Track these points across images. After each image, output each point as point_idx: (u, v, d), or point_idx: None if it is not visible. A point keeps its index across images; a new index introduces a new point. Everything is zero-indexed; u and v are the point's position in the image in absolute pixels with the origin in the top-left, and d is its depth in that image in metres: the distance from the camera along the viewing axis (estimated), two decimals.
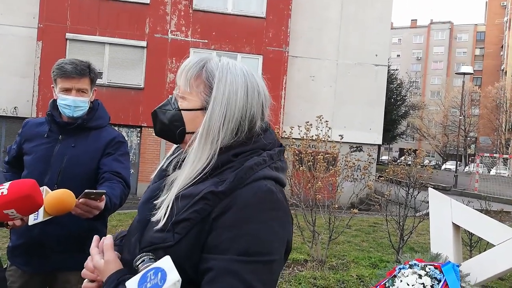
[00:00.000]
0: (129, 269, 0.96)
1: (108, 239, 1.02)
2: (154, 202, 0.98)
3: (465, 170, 33.70)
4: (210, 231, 0.89)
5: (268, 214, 0.91)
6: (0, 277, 1.50)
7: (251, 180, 0.92)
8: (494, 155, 26.63)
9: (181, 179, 0.95)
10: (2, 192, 1.23)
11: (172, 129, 1.00)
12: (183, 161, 1.01)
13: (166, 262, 0.82)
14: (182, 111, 0.99)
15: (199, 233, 0.90)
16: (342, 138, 4.83)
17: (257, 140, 0.99)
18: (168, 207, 0.92)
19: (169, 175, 1.03)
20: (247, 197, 0.90)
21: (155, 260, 0.86)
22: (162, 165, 1.09)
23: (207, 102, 0.96)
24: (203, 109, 0.97)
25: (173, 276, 0.80)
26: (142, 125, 12.60)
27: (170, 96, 1.05)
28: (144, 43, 12.66)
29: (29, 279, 1.88)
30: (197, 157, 0.94)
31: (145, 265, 0.86)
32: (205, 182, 0.93)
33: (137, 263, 0.88)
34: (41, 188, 1.43)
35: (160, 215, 0.93)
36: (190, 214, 0.90)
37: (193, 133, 0.98)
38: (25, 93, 12.17)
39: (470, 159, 40.28)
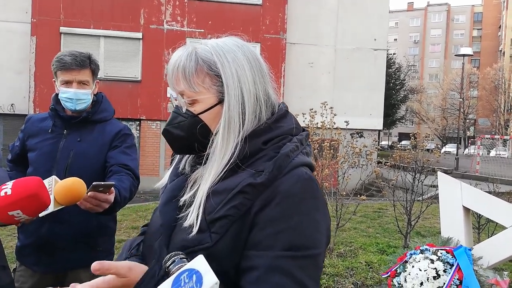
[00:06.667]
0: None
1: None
2: (179, 202, 0.91)
3: (464, 153, 33.75)
4: (252, 226, 0.82)
5: (310, 204, 0.85)
6: (8, 281, 1.44)
7: (290, 168, 0.85)
8: (495, 136, 26.61)
9: (210, 175, 0.87)
10: (6, 192, 1.14)
11: (196, 139, 0.91)
12: (200, 157, 0.94)
13: (200, 263, 0.75)
14: (200, 115, 0.90)
15: (239, 230, 0.83)
16: (348, 124, 4.77)
17: (281, 125, 0.92)
18: (200, 206, 0.85)
19: (185, 173, 0.96)
20: (288, 186, 0.83)
21: (188, 260, 0.79)
22: (177, 163, 1.01)
23: (221, 92, 0.89)
24: (221, 101, 0.89)
25: (210, 278, 0.73)
26: (141, 118, 12.51)
27: (174, 107, 0.95)
28: (139, 35, 12.50)
29: (40, 278, 1.84)
30: (223, 150, 0.87)
31: (177, 267, 0.78)
32: (239, 175, 0.85)
33: (168, 265, 0.80)
34: (50, 178, 1.37)
35: (193, 217, 0.85)
36: (228, 210, 0.83)
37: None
38: (22, 90, 12.06)
39: (469, 142, 40.34)
